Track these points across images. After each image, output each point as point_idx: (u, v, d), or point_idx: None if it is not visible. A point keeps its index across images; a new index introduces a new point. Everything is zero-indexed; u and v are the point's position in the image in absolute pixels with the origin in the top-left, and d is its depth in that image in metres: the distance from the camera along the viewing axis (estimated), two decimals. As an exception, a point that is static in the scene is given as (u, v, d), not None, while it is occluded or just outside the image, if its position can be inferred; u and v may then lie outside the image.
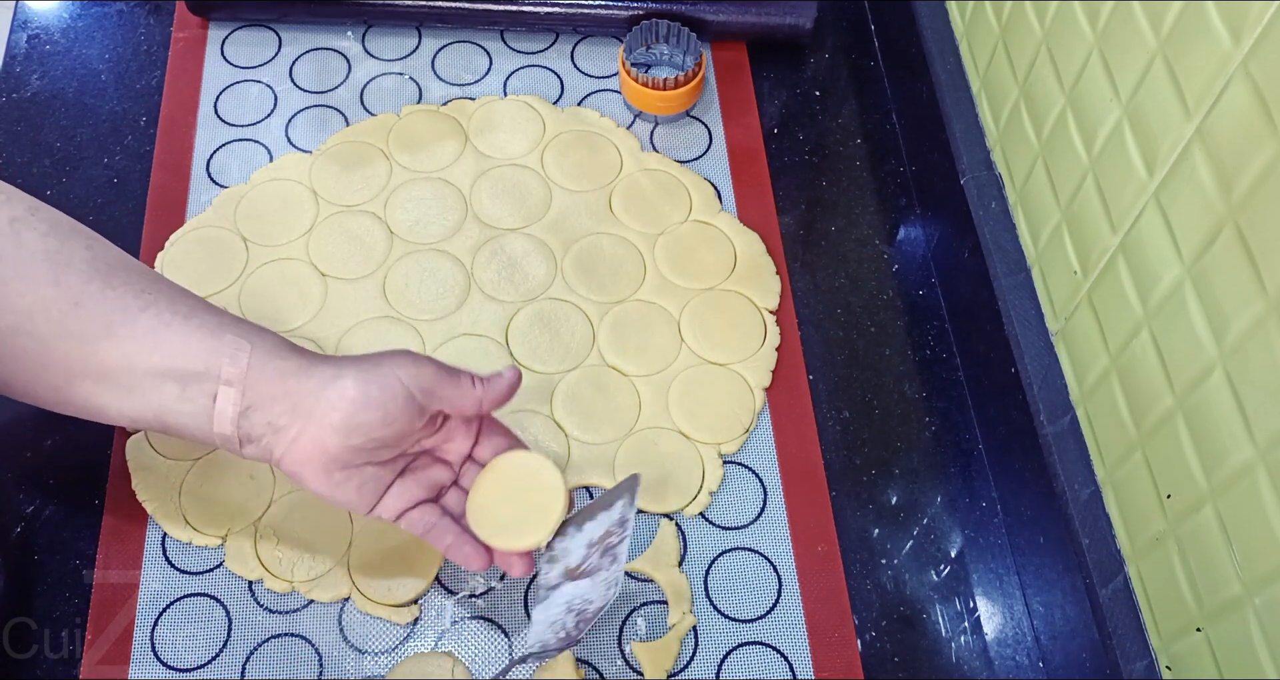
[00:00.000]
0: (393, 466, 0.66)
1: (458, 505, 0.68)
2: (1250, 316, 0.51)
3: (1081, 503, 0.67)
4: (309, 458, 0.62)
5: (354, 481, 0.64)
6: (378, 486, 0.65)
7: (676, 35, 0.92)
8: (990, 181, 0.79)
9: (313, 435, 0.61)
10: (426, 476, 0.68)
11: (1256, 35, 0.49)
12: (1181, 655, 0.60)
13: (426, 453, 0.68)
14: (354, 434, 0.62)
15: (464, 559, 0.67)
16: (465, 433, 0.69)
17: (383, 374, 0.63)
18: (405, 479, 0.66)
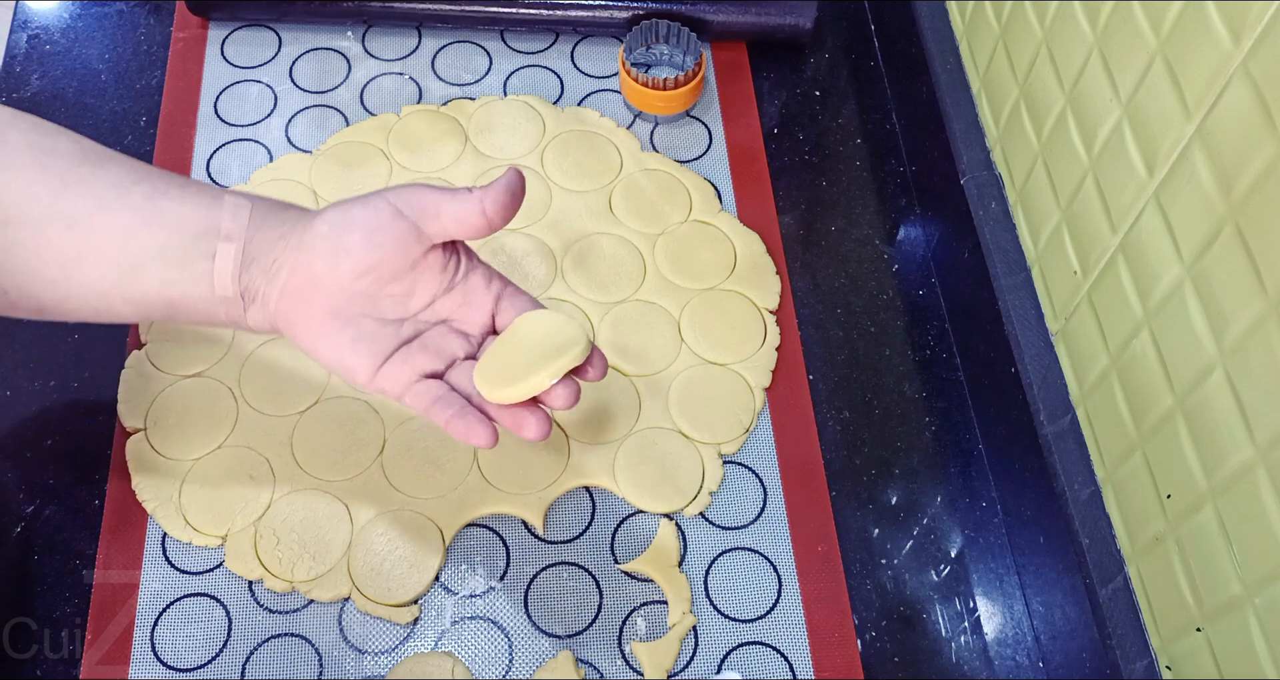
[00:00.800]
0: (397, 328, 0.61)
1: (467, 379, 0.63)
2: (1250, 316, 0.51)
3: (1081, 503, 0.67)
4: (301, 300, 0.59)
5: (349, 334, 0.59)
6: (376, 347, 0.60)
7: (676, 35, 0.92)
8: (990, 181, 0.79)
9: (304, 269, 0.58)
10: (439, 347, 0.62)
11: (1256, 35, 0.49)
12: (1181, 655, 0.60)
13: (443, 323, 0.63)
14: (340, 260, 0.58)
15: (466, 432, 0.60)
16: (485, 296, 0.63)
17: (368, 197, 0.59)
18: (413, 347, 0.62)
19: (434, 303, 0.62)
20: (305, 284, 0.58)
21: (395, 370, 0.61)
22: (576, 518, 0.76)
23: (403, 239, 0.58)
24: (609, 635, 0.72)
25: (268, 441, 0.76)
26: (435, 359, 0.62)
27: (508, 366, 0.61)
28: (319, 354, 0.60)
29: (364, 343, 0.60)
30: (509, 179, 0.59)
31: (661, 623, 0.73)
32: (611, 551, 0.75)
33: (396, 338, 0.61)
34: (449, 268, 0.62)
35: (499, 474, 0.76)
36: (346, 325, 0.59)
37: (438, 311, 0.63)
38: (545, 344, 0.61)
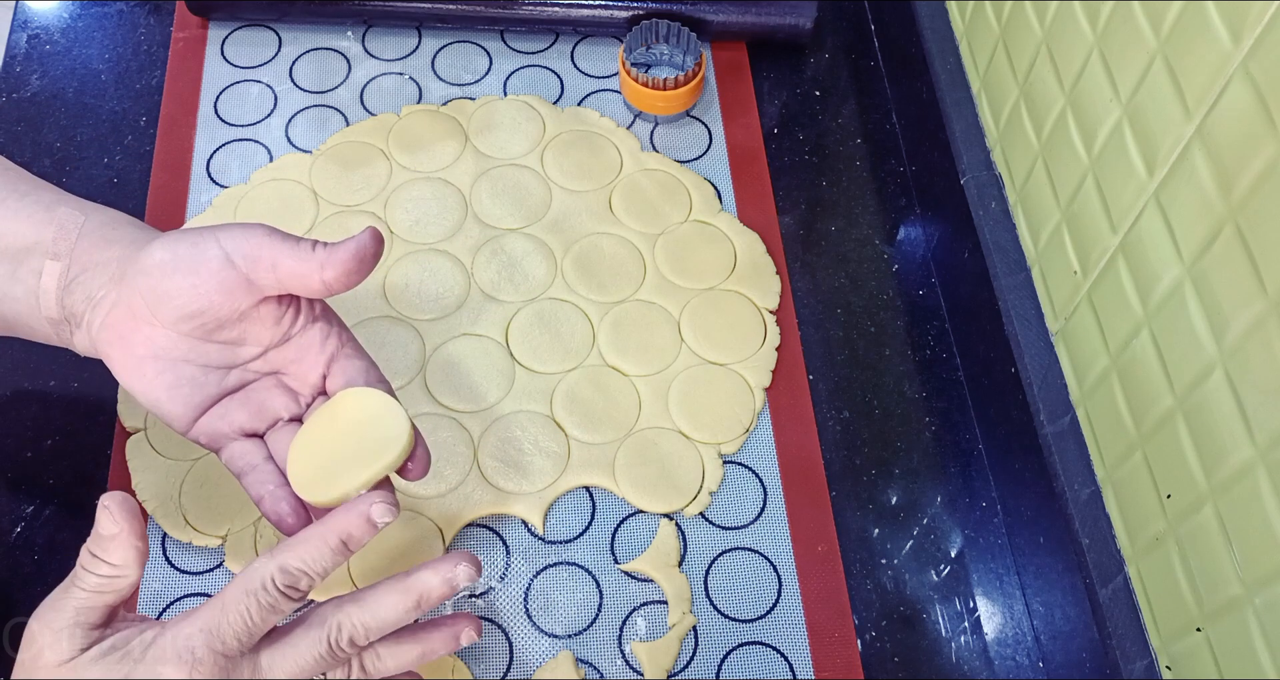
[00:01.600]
0: (221, 378, 0.58)
1: (282, 449, 0.60)
2: (1250, 316, 0.51)
3: (1081, 503, 0.67)
4: (121, 335, 0.56)
5: (166, 379, 0.56)
6: (194, 395, 0.57)
7: (676, 35, 0.92)
8: (990, 181, 0.79)
9: (125, 304, 0.55)
10: (262, 404, 0.59)
11: (1257, 35, 0.49)
12: (1181, 655, 0.60)
13: (273, 375, 0.60)
14: (163, 303, 0.54)
15: (276, 517, 0.58)
16: (319, 355, 0.60)
17: (200, 238, 0.55)
18: (235, 401, 0.59)
19: (265, 353, 0.59)
20: (125, 319, 0.55)
21: (212, 424, 0.58)
22: (576, 518, 0.76)
23: (231, 289, 0.55)
24: (609, 635, 0.72)
25: (268, 441, 0.76)
26: (256, 418, 0.59)
27: (320, 463, 0.58)
28: (135, 394, 0.58)
29: (182, 390, 0.57)
30: (360, 242, 0.55)
31: (661, 623, 0.72)
32: (611, 551, 0.75)
33: (218, 387, 0.58)
34: (284, 320, 0.59)
35: (499, 474, 0.76)
36: (166, 369, 0.56)
37: (270, 362, 0.60)
38: (363, 436, 0.58)
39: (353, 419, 0.58)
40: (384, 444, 0.57)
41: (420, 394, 0.78)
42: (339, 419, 0.58)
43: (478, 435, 0.77)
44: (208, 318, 0.55)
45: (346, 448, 0.57)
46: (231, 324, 0.56)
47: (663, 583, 0.73)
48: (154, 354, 0.56)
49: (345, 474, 0.57)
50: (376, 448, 0.57)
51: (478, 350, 0.81)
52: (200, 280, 0.54)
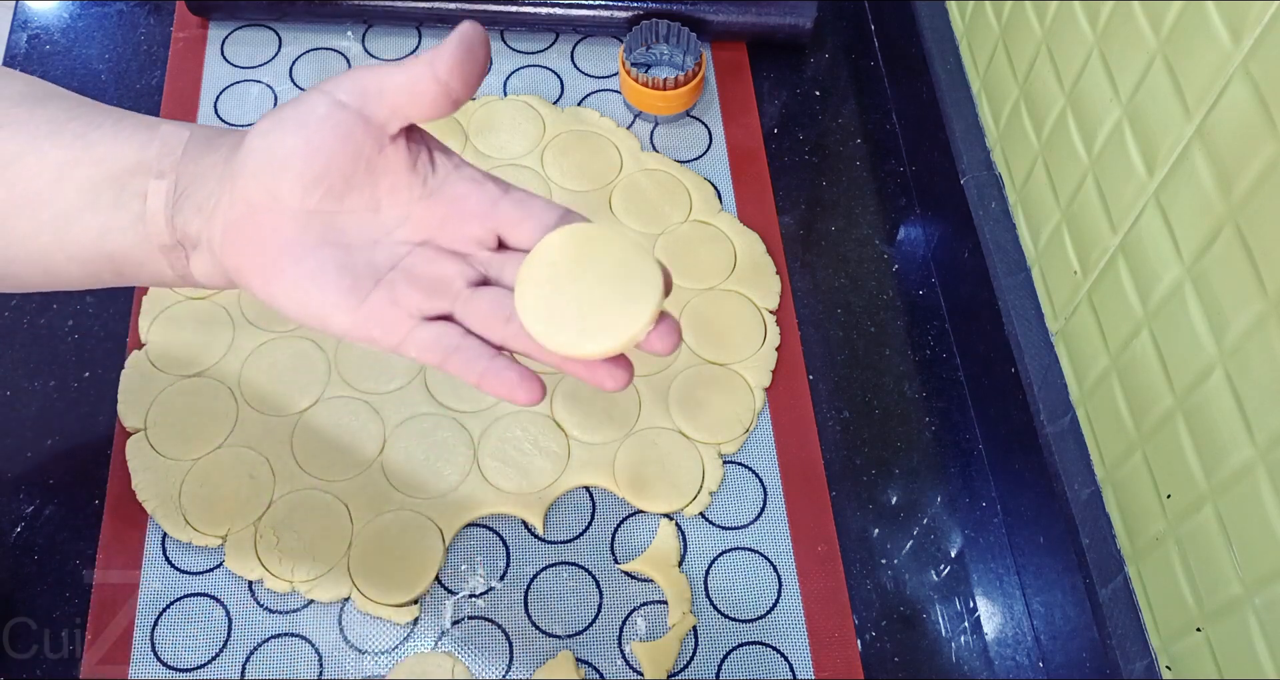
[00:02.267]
0: (368, 255, 0.50)
1: (487, 314, 0.51)
2: (1250, 316, 0.51)
3: (1081, 503, 0.67)
4: (245, 236, 0.49)
5: (308, 269, 0.49)
6: (345, 280, 0.49)
7: (676, 35, 0.92)
8: (990, 181, 0.79)
9: (242, 199, 0.48)
10: (432, 277, 0.51)
11: (1256, 35, 0.49)
12: (1181, 655, 0.60)
13: (426, 245, 0.52)
14: (281, 176, 0.48)
15: (509, 388, 0.49)
16: (479, 200, 0.51)
17: (301, 95, 0.49)
18: (397, 280, 0.50)
19: (410, 217, 0.51)
20: (246, 215, 0.49)
21: (383, 312, 0.50)
22: (576, 518, 0.76)
23: (348, 133, 0.48)
24: (609, 635, 0.72)
25: (268, 441, 0.76)
26: (432, 294, 0.50)
27: (582, 307, 0.48)
28: (280, 301, 0.50)
29: (329, 278, 0.49)
30: (462, 32, 0.48)
31: (661, 623, 0.72)
32: (611, 551, 0.75)
33: (370, 268, 0.50)
34: (419, 166, 0.51)
35: (499, 474, 0.76)
36: (304, 257, 0.49)
37: (421, 227, 0.51)
38: (615, 272, 0.49)
39: (589, 257, 0.49)
40: (645, 274, 0.49)
41: (420, 394, 0.78)
42: (569, 261, 0.49)
43: (478, 435, 0.77)
44: (333, 177, 0.48)
45: (603, 287, 0.48)
46: (361, 182, 0.49)
47: (663, 583, 0.73)
48: (287, 245, 0.48)
49: (623, 314, 0.48)
50: (641, 279, 0.49)
51: (478, 350, 0.80)
52: (312, 132, 0.48)
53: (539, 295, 0.48)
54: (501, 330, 0.50)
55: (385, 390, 0.78)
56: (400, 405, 0.78)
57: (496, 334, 0.51)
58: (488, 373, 0.50)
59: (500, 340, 0.51)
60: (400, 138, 0.49)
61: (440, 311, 0.50)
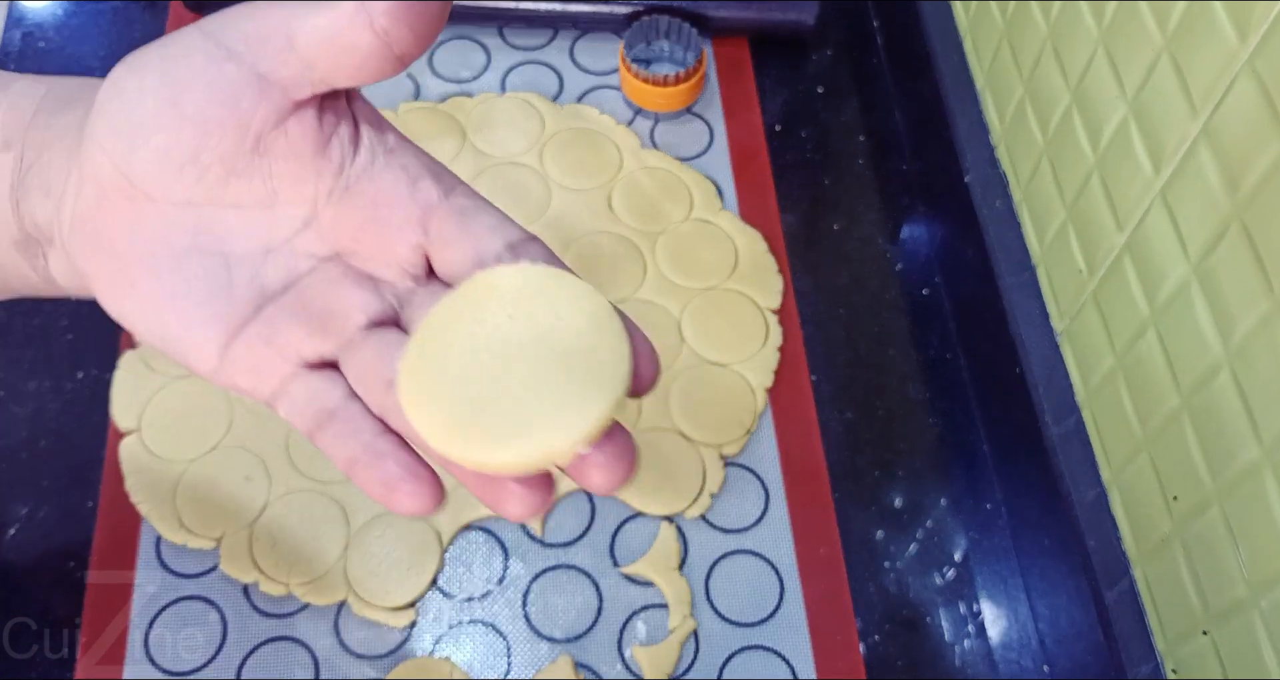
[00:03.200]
0: (253, 270, 0.36)
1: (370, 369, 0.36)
2: (1257, 316, 0.51)
3: (1087, 504, 0.67)
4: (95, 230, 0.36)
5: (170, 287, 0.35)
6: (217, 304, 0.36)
7: (677, 31, 0.92)
8: (994, 180, 0.78)
9: (92, 178, 0.35)
10: (326, 307, 0.37)
11: (1263, 33, 0.49)
12: (1187, 658, 0.59)
13: (334, 260, 0.37)
14: (137, 149, 0.34)
15: (383, 487, 0.35)
16: (408, 205, 0.37)
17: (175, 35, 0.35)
18: (284, 310, 0.36)
19: (317, 220, 0.37)
20: (94, 203, 0.36)
21: (254, 355, 0.36)
22: (576, 520, 0.75)
23: (234, 95, 0.34)
24: (608, 639, 0.72)
25: (263, 442, 0.76)
26: (321, 332, 0.36)
27: (494, 391, 0.33)
28: (132, 324, 0.37)
29: (195, 299, 0.36)
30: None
31: (662, 626, 0.72)
32: (611, 554, 0.74)
33: (253, 288, 0.36)
34: (334, 148, 0.36)
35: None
36: (165, 269, 0.36)
37: (325, 237, 0.37)
38: (561, 346, 0.34)
39: (532, 315, 0.34)
40: (602, 359, 0.33)
41: (418, 395, 0.78)
42: (506, 314, 0.34)
43: (476, 436, 0.76)
44: (209, 155, 0.35)
45: (536, 369, 0.33)
46: (249, 164, 0.35)
47: (663, 586, 0.73)
48: (144, 250, 0.36)
49: (554, 411, 0.33)
50: (597, 365, 0.33)
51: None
52: (181, 91, 0.34)
53: (437, 362, 0.34)
54: (381, 398, 0.36)
55: (382, 391, 0.78)
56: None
57: (375, 402, 0.36)
58: (358, 463, 0.35)
59: (379, 410, 0.36)
60: (309, 107, 0.35)
61: (323, 356, 0.37)
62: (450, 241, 0.37)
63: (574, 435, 0.32)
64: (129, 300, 0.36)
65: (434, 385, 0.33)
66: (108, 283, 0.36)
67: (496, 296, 0.34)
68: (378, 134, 0.38)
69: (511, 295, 0.34)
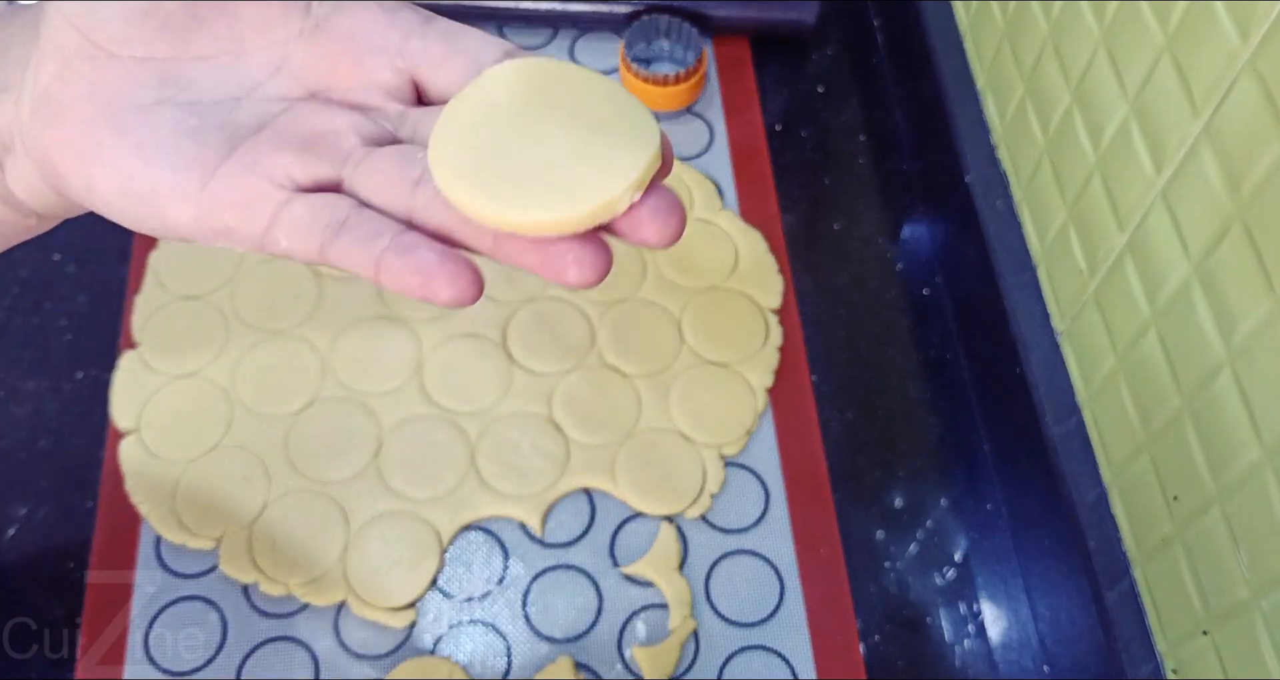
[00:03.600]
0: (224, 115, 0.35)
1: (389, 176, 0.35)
2: (1258, 316, 0.51)
3: (1087, 505, 0.67)
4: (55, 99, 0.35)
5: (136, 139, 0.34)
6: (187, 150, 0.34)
7: (678, 31, 0.92)
8: (995, 179, 0.78)
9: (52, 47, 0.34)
10: (312, 129, 0.36)
11: (1264, 32, 0.48)
12: (1188, 659, 0.59)
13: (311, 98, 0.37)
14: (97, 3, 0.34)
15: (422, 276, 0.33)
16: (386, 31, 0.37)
17: None
18: (263, 141, 0.35)
19: (288, 62, 0.37)
20: (56, 75, 0.35)
21: (239, 184, 0.34)
22: (575, 520, 0.75)
23: None
24: (608, 639, 0.72)
25: (262, 443, 0.76)
26: (310, 155, 0.35)
27: (531, 160, 0.34)
28: (99, 190, 0.35)
29: (166, 145, 0.34)
30: None
31: (662, 627, 0.72)
32: (611, 554, 0.74)
33: (228, 132, 0.35)
34: None
35: (497, 476, 0.75)
36: (132, 123, 0.34)
37: (299, 78, 0.37)
38: (587, 117, 0.34)
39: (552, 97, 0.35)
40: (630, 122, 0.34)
41: (417, 395, 0.78)
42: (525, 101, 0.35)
43: (475, 437, 0.76)
44: (168, 6, 0.34)
45: (568, 137, 0.34)
46: (211, 11, 0.35)
47: (663, 586, 0.73)
48: (108, 106, 0.34)
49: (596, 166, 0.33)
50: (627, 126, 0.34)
51: (475, 350, 0.80)
52: None
53: (469, 143, 0.34)
54: (409, 197, 0.35)
55: (381, 391, 0.78)
56: (396, 406, 0.77)
57: (401, 203, 0.35)
58: (389, 255, 0.33)
59: (406, 211, 0.35)
60: None
61: (322, 178, 0.35)
62: (442, 60, 0.36)
63: (627, 180, 0.33)
64: (94, 164, 0.34)
65: (475, 164, 0.33)
66: (73, 153, 0.35)
67: (509, 87, 0.35)
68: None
69: (525, 83, 0.35)
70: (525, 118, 0.34)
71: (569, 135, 0.34)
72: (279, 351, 0.79)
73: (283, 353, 0.79)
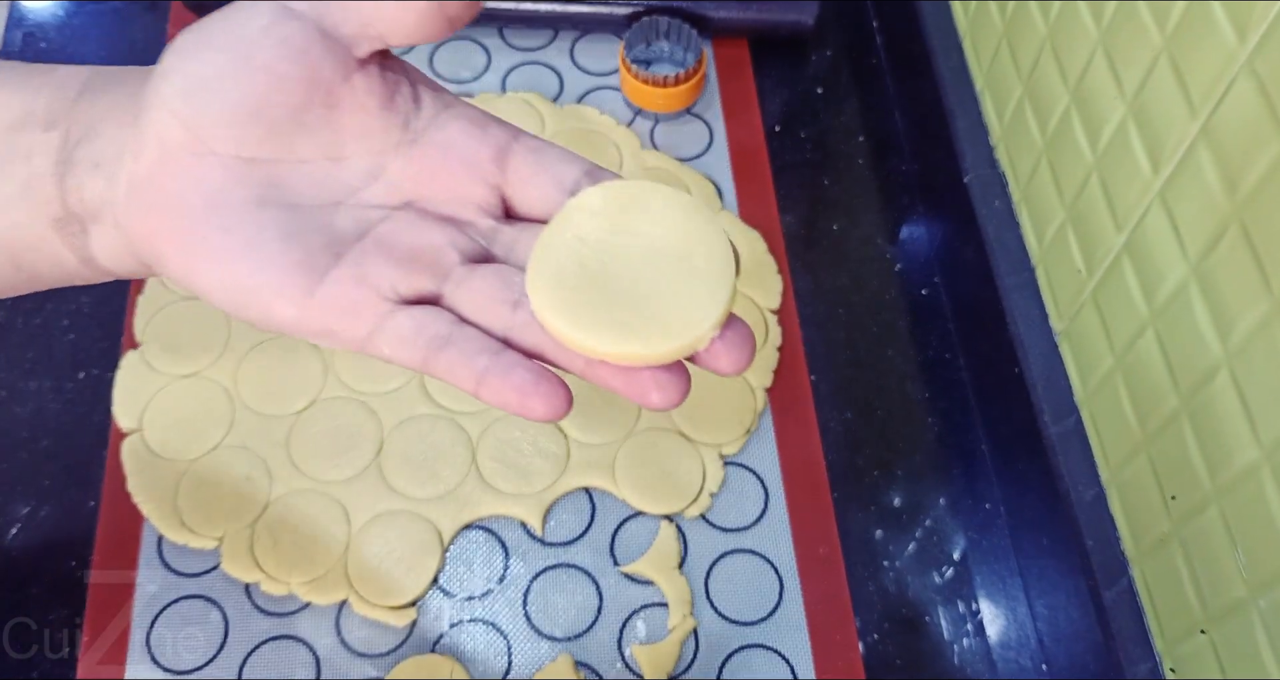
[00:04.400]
0: (324, 219, 0.37)
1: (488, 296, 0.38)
2: (1256, 316, 0.51)
3: (1085, 504, 0.67)
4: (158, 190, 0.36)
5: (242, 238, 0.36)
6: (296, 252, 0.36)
7: (677, 32, 0.92)
8: (994, 180, 0.78)
9: (155, 140, 0.36)
10: (414, 245, 0.38)
11: (1262, 33, 0.49)
12: (1185, 658, 0.59)
13: (407, 207, 0.39)
14: (205, 107, 0.35)
15: (519, 396, 0.36)
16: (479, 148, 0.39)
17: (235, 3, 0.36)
18: (370, 251, 0.37)
19: (385, 171, 0.39)
20: (157, 163, 0.36)
21: (346, 294, 0.36)
22: (576, 519, 0.75)
23: (301, 51, 0.35)
24: (608, 638, 0.72)
25: (264, 442, 0.76)
26: (413, 267, 0.38)
27: (623, 293, 0.36)
28: (203, 283, 0.36)
29: (272, 247, 0.36)
30: None
31: (661, 625, 0.72)
32: (611, 553, 0.74)
33: (327, 235, 0.37)
34: (398, 103, 0.38)
35: (498, 475, 0.75)
36: (236, 222, 0.36)
37: (396, 187, 0.39)
38: (671, 247, 0.37)
39: (637, 223, 0.37)
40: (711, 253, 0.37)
41: (417, 394, 0.78)
42: (612, 226, 0.37)
43: (476, 436, 0.76)
44: (277, 110, 0.36)
45: (655, 269, 0.36)
46: (317, 122, 0.37)
47: (663, 585, 0.73)
48: (213, 206, 0.36)
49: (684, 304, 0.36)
50: (708, 259, 0.37)
51: (476, 350, 0.80)
52: (251, 47, 0.35)
53: (562, 273, 0.36)
54: (507, 317, 0.37)
55: (382, 391, 0.78)
56: (397, 406, 0.77)
57: (499, 323, 0.37)
58: (490, 373, 0.36)
59: (504, 331, 0.37)
60: (372, 64, 0.37)
61: (424, 292, 0.38)
62: (529, 177, 0.39)
63: (711, 321, 0.36)
64: (199, 257, 0.36)
65: (567, 294, 0.36)
66: (175, 244, 0.36)
67: (595, 214, 0.37)
68: (435, 93, 0.40)
69: (610, 212, 0.37)
70: (614, 247, 0.37)
71: (656, 267, 0.36)
72: (281, 351, 0.79)
73: (284, 353, 0.79)
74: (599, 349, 0.36)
